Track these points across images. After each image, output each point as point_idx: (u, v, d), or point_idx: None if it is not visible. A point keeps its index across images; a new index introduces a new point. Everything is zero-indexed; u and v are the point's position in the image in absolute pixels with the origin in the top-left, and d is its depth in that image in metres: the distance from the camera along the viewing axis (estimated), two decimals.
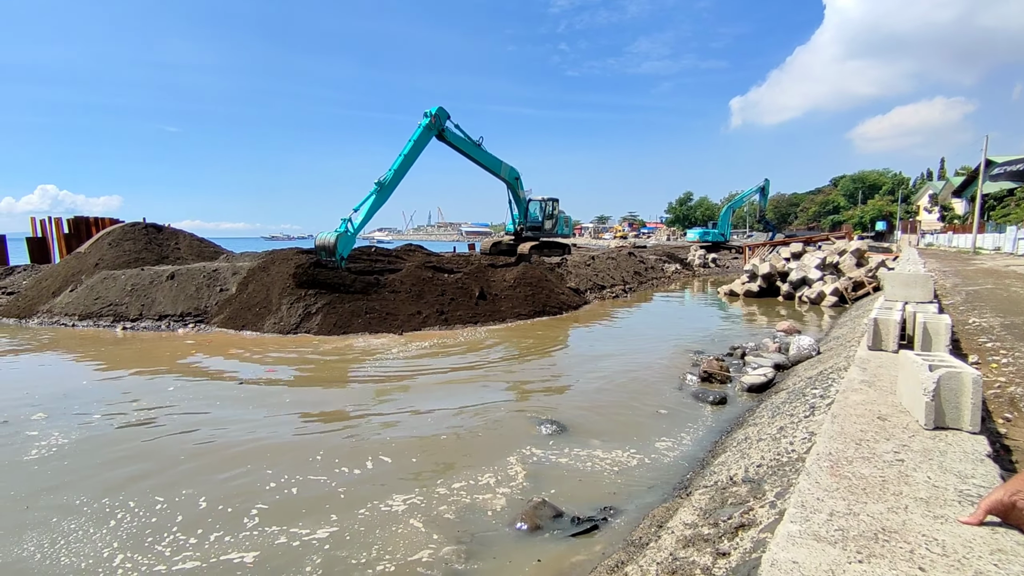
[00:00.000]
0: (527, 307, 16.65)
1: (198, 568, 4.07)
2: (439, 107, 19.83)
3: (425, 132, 19.24)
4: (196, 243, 23.22)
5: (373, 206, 17.60)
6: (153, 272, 16.65)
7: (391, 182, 18.10)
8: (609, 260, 27.46)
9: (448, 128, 20.40)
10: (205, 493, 5.23)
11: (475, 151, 21.90)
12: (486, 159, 22.64)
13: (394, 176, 18.17)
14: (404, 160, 18.54)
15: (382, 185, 17.80)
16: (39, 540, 4.43)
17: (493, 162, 23.07)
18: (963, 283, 14.03)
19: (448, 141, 20.73)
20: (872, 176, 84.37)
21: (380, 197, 17.79)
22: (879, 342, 5.43)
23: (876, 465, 2.50)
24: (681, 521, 3.95)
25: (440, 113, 19.83)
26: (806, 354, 9.65)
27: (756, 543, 2.92)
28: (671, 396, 8.47)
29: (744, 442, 5.66)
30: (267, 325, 13.81)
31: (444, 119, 20.07)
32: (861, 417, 3.22)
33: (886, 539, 1.86)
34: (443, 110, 20.00)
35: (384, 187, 17.83)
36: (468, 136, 21.37)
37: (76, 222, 26.77)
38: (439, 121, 19.78)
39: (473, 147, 21.72)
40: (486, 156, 22.59)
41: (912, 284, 7.56)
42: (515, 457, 6.03)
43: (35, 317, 15.74)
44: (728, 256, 44.21)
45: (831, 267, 21.78)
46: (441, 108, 19.90)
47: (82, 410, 7.76)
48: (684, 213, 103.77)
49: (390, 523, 4.65)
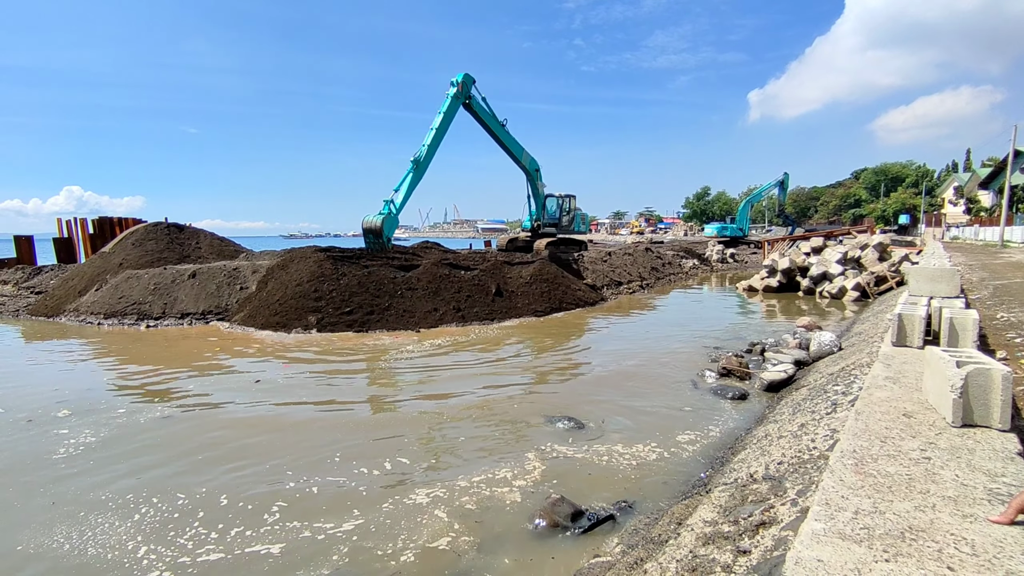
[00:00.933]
0: (544, 303, 16.63)
1: (223, 559, 4.16)
2: (465, 73, 19.17)
3: (453, 102, 18.93)
4: (216, 242, 23.60)
5: (412, 184, 17.85)
6: (175, 271, 16.97)
7: (426, 157, 18.21)
8: (626, 256, 27.30)
9: (474, 97, 19.95)
10: (226, 488, 5.34)
11: (499, 128, 21.71)
12: (509, 140, 22.48)
13: (428, 151, 18.25)
14: (436, 133, 18.52)
15: (418, 162, 17.96)
16: (67, 532, 4.56)
17: (516, 146, 22.93)
18: (991, 277, 13.69)
19: (474, 111, 20.32)
20: (895, 168, 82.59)
21: (417, 174, 18.02)
22: (904, 338, 5.32)
23: (902, 463, 2.46)
24: (701, 518, 3.93)
25: (466, 80, 19.21)
26: (827, 350, 9.51)
27: (778, 541, 2.89)
28: (689, 393, 8.41)
29: (764, 439, 5.59)
30: (286, 322, 13.97)
31: (470, 85, 19.50)
32: (886, 414, 3.16)
33: (913, 538, 1.82)
34: (469, 76, 19.38)
35: (420, 163, 18.01)
36: (493, 111, 21.09)
37: (100, 222, 27.39)
38: (466, 88, 19.29)
39: (497, 123, 21.50)
40: (509, 137, 22.42)
41: (938, 279, 7.40)
42: (533, 453, 6.04)
43: (62, 316, 16.14)
44: (747, 251, 43.65)
45: (853, 262, 21.40)
46: (467, 75, 19.30)
47: (107, 405, 7.96)
48: (702, 208, 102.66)
49: (414, 514, 4.70)
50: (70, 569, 4.10)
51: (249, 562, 4.15)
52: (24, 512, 4.95)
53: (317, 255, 16.30)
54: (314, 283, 14.95)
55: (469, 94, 19.62)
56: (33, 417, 7.48)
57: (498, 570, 4.01)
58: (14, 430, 7.02)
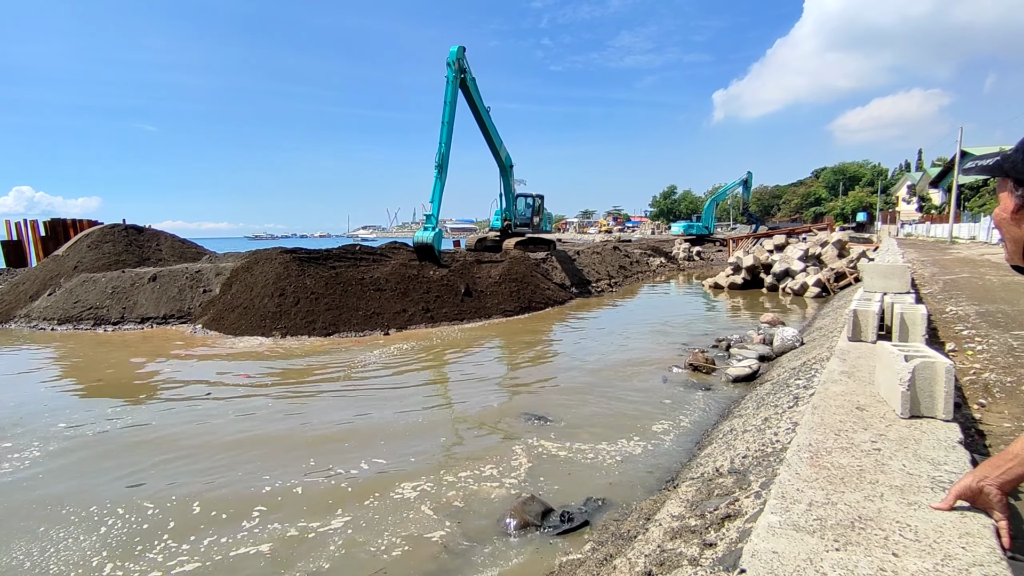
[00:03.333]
0: (513, 303, 16.69)
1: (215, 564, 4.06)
2: (457, 47, 18.23)
3: (454, 85, 18.32)
4: (178, 244, 22.93)
5: (441, 189, 17.87)
6: (134, 274, 16.42)
7: (446, 156, 18.10)
8: (594, 255, 27.57)
9: (468, 72, 19.17)
10: (199, 495, 5.21)
11: (487, 116, 21.61)
12: (493, 129, 22.35)
13: (445, 149, 18.12)
14: (447, 126, 18.30)
15: (440, 166, 17.86)
16: (27, 548, 4.38)
17: (497, 136, 22.87)
18: (940, 272, 14.32)
19: (468, 91, 19.75)
20: (852, 168, 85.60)
21: (443, 177, 18.00)
22: (859, 333, 5.54)
23: (854, 455, 2.58)
24: (668, 513, 4.02)
25: (460, 53, 18.30)
26: (790, 345, 9.81)
27: (742, 533, 2.99)
28: (657, 388, 8.57)
29: (730, 433, 5.75)
30: (251, 326, 13.68)
31: (463, 58, 18.59)
32: (841, 408, 3.30)
33: (862, 527, 1.92)
34: (462, 48, 18.37)
35: (442, 165, 17.91)
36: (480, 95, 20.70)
37: (53, 224, 26.22)
38: (461, 63, 18.51)
39: (485, 110, 21.40)
40: (492, 125, 22.29)
41: (890, 275, 7.71)
42: (504, 452, 6.07)
43: (12, 322, 15.45)
44: (712, 249, 44.58)
45: (814, 258, 22.10)
46: (460, 47, 18.32)
47: (55, 416, 7.67)
48: (668, 207, 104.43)
49: (402, 510, 4.68)
50: None
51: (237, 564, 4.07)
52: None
53: (283, 256, 15.99)
54: (280, 285, 14.68)
55: (463, 68, 19.07)
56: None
57: (465, 571, 4.03)
58: None
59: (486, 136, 22.61)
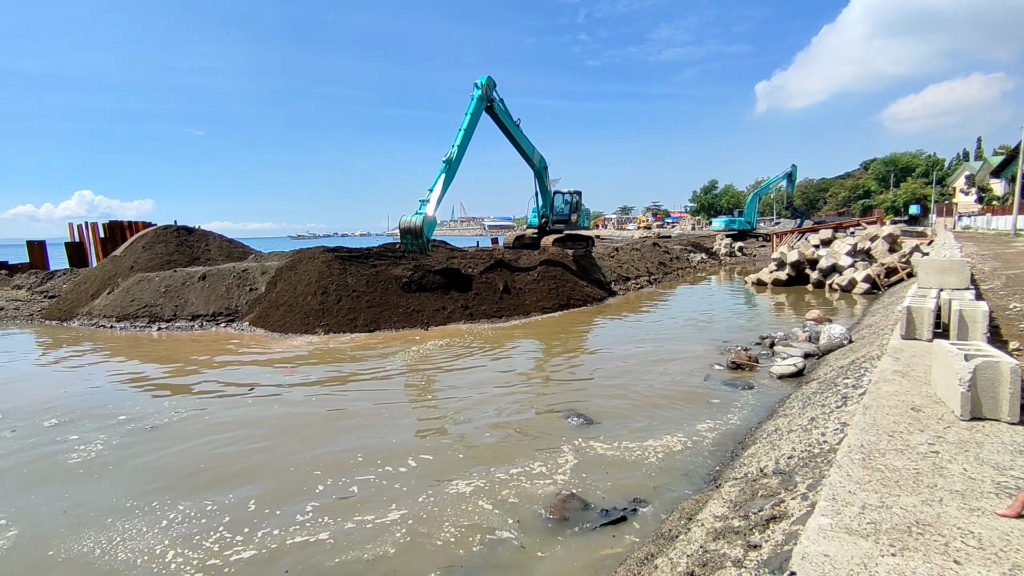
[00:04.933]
0: (551, 300, 16.66)
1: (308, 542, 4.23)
2: (488, 76, 19.73)
3: (478, 103, 19.31)
4: (226, 244, 23.78)
5: (445, 183, 18.09)
6: (185, 273, 17.13)
7: (457, 156, 18.47)
8: (633, 251, 27.25)
9: (496, 101, 20.39)
10: (261, 491, 5.41)
11: (515, 129, 21.98)
12: (523, 140, 22.69)
13: (459, 151, 18.51)
14: (465, 134, 18.80)
15: (449, 162, 18.19)
16: (96, 538, 4.64)
17: (528, 145, 23.13)
18: (1003, 267, 13.54)
19: (495, 115, 20.68)
20: (905, 158, 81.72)
21: (449, 173, 18.28)
22: (913, 331, 5.31)
23: (910, 457, 2.47)
24: (711, 513, 3.95)
25: (489, 83, 19.78)
26: (837, 343, 9.48)
27: (788, 536, 2.91)
28: (699, 386, 8.41)
29: (774, 433, 5.60)
30: (295, 323, 14.09)
31: (492, 89, 20.06)
32: (894, 408, 3.17)
33: (920, 532, 1.84)
34: (491, 79, 19.91)
35: (452, 163, 18.25)
36: (508, 111, 21.43)
37: (111, 226, 27.66)
38: (489, 91, 19.79)
39: (513, 124, 21.77)
40: (524, 137, 22.64)
41: (947, 271, 7.36)
42: (546, 450, 6.08)
43: (75, 319, 16.34)
44: (755, 244, 43.41)
45: (862, 253, 21.25)
46: (490, 77, 19.80)
47: (115, 410, 8.09)
48: (709, 201, 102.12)
49: (459, 503, 4.76)
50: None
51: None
52: (49, 518, 5.04)
53: (325, 255, 16.40)
54: (322, 283, 15.07)
55: (491, 97, 19.93)
56: (60, 421, 7.60)
57: (503, 566, 4.06)
58: (32, 433, 7.14)
59: (517, 147, 22.81)
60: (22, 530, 4.79)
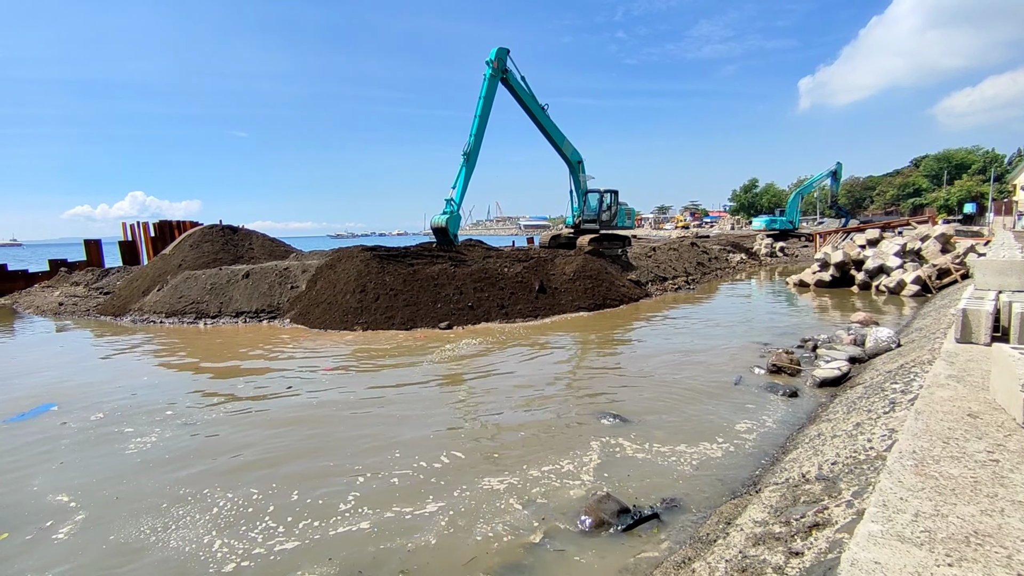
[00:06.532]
0: (587, 300, 16.55)
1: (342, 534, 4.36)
2: (498, 48, 19.08)
3: (491, 82, 18.89)
4: (268, 243, 24.50)
5: (466, 177, 18.26)
6: (230, 271, 17.73)
7: (474, 147, 18.54)
8: (671, 251, 26.82)
9: (511, 72, 19.82)
10: (301, 481, 5.58)
11: (539, 110, 21.52)
12: (549, 124, 22.29)
13: (475, 141, 18.55)
14: (480, 120, 18.68)
15: (467, 155, 18.30)
16: (153, 524, 4.85)
17: (556, 131, 22.74)
18: None
19: (511, 86, 20.18)
20: (959, 154, 77.74)
21: (469, 167, 18.41)
22: (968, 334, 5.05)
23: (967, 465, 2.36)
24: (751, 518, 3.85)
25: (500, 54, 19.04)
26: (885, 347, 9.11)
27: (832, 543, 2.81)
28: (738, 389, 8.22)
29: (817, 438, 5.42)
30: (335, 320, 14.41)
31: (505, 59, 19.33)
32: (949, 414, 3.03)
33: (979, 543, 1.75)
34: (503, 49, 19.18)
35: (470, 155, 18.36)
36: (533, 92, 20.93)
37: (160, 226, 28.90)
38: (501, 63, 19.15)
39: (536, 105, 21.33)
40: (549, 121, 22.20)
41: (1007, 271, 6.97)
42: (580, 449, 6.05)
43: (128, 315, 17.11)
44: (797, 244, 42.12)
45: (912, 254, 20.37)
46: (501, 48, 19.21)
47: (164, 406, 8.43)
48: (749, 201, 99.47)
49: (492, 499, 4.80)
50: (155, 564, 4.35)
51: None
52: (111, 504, 5.30)
53: (364, 254, 16.72)
54: (361, 281, 15.36)
55: (505, 67, 19.50)
56: (107, 415, 7.99)
57: (541, 568, 4.05)
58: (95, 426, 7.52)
59: (545, 134, 22.51)
60: (89, 513, 5.06)
